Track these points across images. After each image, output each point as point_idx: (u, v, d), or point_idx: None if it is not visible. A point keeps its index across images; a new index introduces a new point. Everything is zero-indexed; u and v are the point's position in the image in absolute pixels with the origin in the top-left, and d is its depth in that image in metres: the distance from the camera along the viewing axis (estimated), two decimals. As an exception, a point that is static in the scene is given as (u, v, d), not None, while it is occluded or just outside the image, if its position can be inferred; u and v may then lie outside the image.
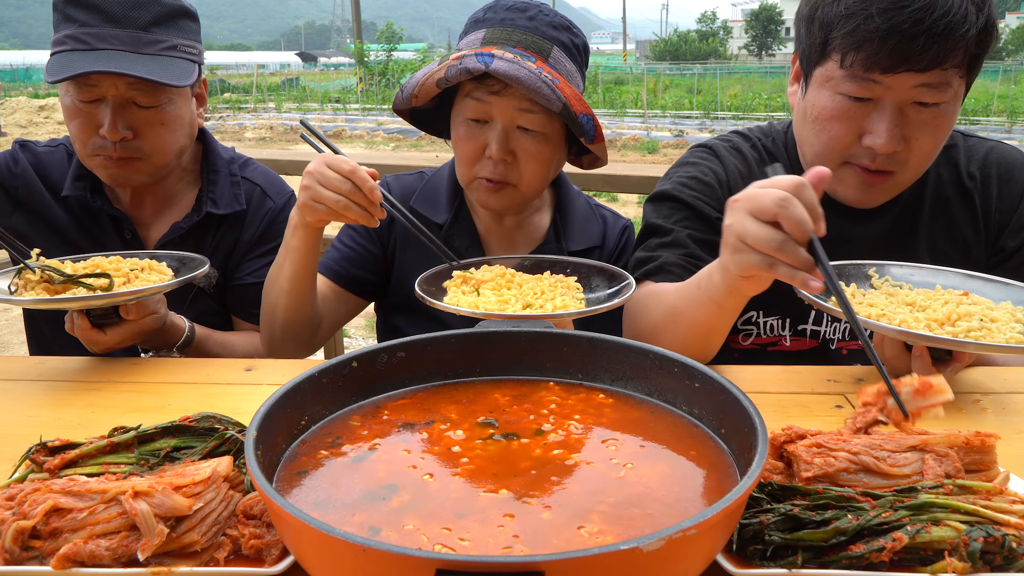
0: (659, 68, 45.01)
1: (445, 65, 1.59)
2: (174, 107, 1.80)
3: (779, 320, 1.77)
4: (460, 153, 1.69)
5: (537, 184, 1.71)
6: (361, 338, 5.59)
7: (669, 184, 1.77)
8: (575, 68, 1.71)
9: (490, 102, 1.61)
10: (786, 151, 1.78)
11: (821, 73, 1.53)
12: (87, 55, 1.69)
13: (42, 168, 1.93)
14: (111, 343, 1.56)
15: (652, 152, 16.60)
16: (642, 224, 1.81)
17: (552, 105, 1.54)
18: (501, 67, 1.51)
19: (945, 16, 1.37)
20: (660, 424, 0.96)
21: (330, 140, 1.51)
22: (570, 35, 1.70)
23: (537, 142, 1.64)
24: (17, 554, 0.85)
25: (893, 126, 1.47)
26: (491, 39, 1.64)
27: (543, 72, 1.54)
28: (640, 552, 0.61)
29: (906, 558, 0.83)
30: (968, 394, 1.38)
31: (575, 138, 1.72)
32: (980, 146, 1.74)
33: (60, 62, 1.69)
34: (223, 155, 2.01)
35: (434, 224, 1.82)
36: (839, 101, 1.51)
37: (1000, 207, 1.68)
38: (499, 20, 1.67)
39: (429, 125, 1.84)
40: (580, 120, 1.58)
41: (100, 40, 1.70)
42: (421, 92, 1.66)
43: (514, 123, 1.62)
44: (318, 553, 0.68)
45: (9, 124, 18.64)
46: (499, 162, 1.63)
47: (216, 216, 1.93)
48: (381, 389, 1.03)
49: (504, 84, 1.58)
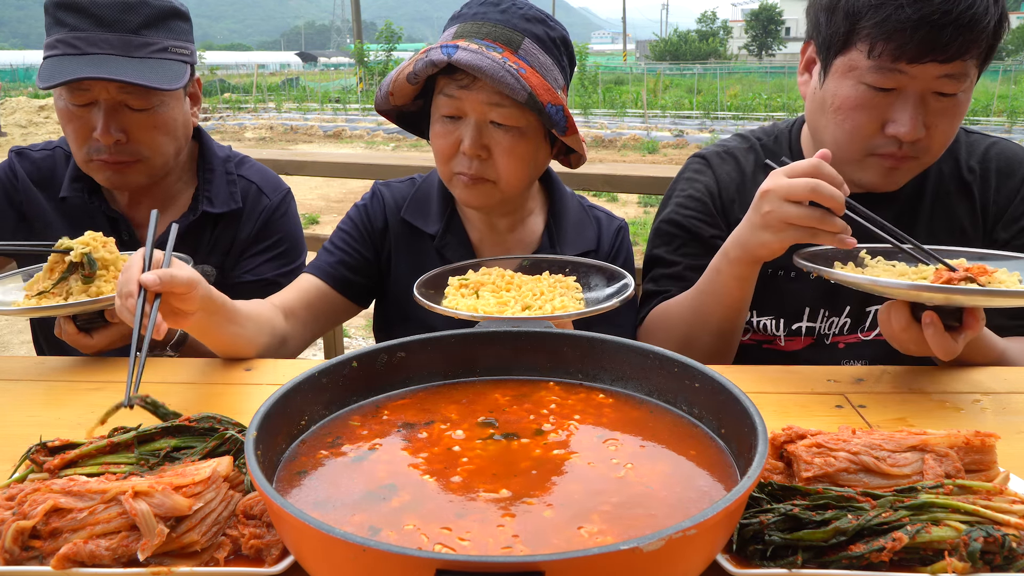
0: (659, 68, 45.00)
1: (413, 59, 1.60)
2: (167, 109, 1.80)
3: (772, 320, 1.77)
4: (436, 149, 1.69)
5: (516, 181, 1.68)
6: (361, 338, 5.59)
7: (670, 208, 1.85)
8: (551, 61, 1.66)
9: (460, 97, 1.60)
10: (790, 150, 1.80)
11: (843, 62, 1.54)
12: (78, 60, 1.69)
13: (40, 174, 1.94)
14: (99, 346, 1.58)
15: (652, 152, 16.60)
16: (647, 253, 1.88)
17: (517, 95, 1.52)
18: (464, 57, 1.50)
19: (970, 7, 1.40)
20: (660, 424, 0.96)
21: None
22: (545, 27, 1.67)
23: (511, 136, 1.62)
24: (17, 554, 0.85)
25: (916, 114, 1.49)
26: (461, 33, 1.64)
27: (508, 62, 1.53)
28: (640, 552, 0.61)
29: (906, 558, 0.83)
30: (968, 394, 1.38)
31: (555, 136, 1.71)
32: (981, 141, 1.76)
33: (52, 67, 1.69)
34: (219, 153, 2.01)
35: (426, 235, 1.81)
36: (863, 91, 1.52)
37: (997, 200, 1.71)
38: (471, 15, 1.66)
39: (416, 127, 1.84)
40: (548, 111, 1.55)
41: (90, 44, 1.70)
42: (396, 89, 1.66)
43: (486, 118, 1.61)
44: (318, 553, 0.68)
45: (9, 124, 18.64)
46: (473, 158, 1.62)
47: (212, 215, 1.93)
48: (381, 389, 1.03)
49: (473, 78, 1.56)
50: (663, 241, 1.83)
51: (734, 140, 1.89)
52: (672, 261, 1.79)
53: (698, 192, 1.81)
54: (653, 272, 1.83)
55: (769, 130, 1.87)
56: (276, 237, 2.00)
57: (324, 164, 3.74)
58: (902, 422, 1.27)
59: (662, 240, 1.84)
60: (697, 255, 1.76)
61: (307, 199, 11.11)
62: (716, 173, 1.82)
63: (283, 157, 3.61)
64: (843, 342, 1.76)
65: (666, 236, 1.83)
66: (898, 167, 1.58)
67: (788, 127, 1.84)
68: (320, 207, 10.80)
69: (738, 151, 1.84)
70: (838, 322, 1.75)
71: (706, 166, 1.85)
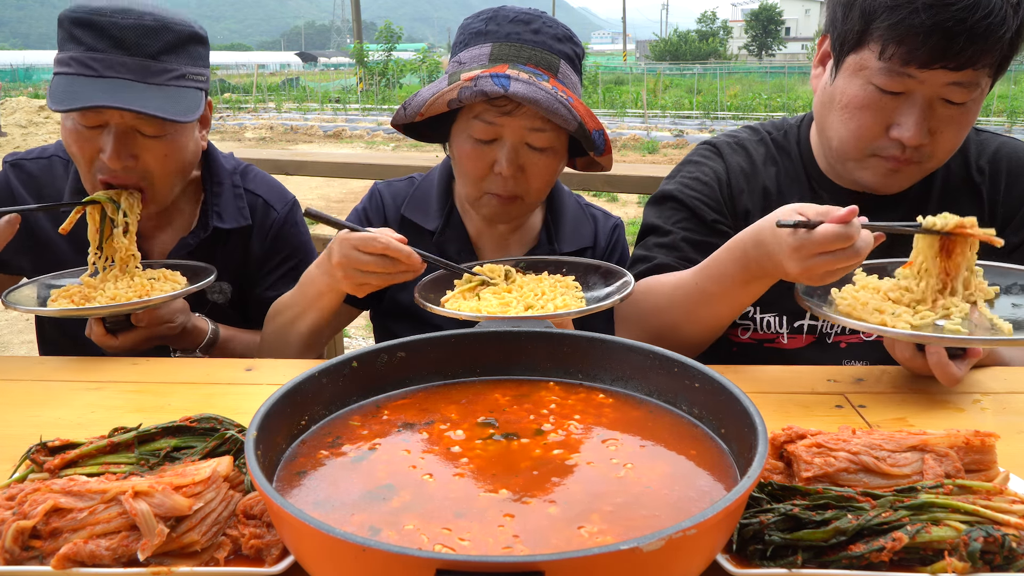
0: (659, 68, 44.99)
1: (457, 86, 1.56)
2: (178, 136, 1.75)
3: (776, 317, 1.77)
4: (466, 171, 1.68)
5: (543, 194, 1.73)
6: (361, 338, 5.59)
7: (672, 184, 1.81)
8: (577, 79, 1.71)
9: (501, 124, 1.60)
10: (798, 146, 1.79)
11: (855, 61, 1.53)
12: (93, 83, 1.63)
13: (37, 186, 1.90)
14: (123, 347, 1.66)
15: (652, 152, 16.59)
16: (643, 222, 1.84)
17: (568, 125, 1.55)
18: (520, 90, 1.50)
19: (987, 17, 1.37)
20: (660, 424, 0.96)
21: (334, 218, 1.48)
22: (572, 46, 1.69)
23: (546, 157, 1.65)
24: (17, 554, 0.85)
25: (922, 120, 1.48)
26: (500, 56, 1.62)
27: (558, 92, 1.54)
28: (640, 552, 0.61)
29: (906, 558, 0.83)
30: (968, 394, 1.38)
31: (576, 144, 1.72)
32: (991, 141, 1.75)
33: (65, 88, 1.64)
34: (226, 166, 1.97)
35: (425, 231, 1.82)
36: (871, 92, 1.51)
37: (1006, 201, 1.69)
38: (504, 34, 1.64)
39: (417, 131, 1.83)
40: (592, 136, 1.60)
41: (107, 67, 1.64)
42: (428, 111, 1.63)
43: (523, 141, 1.62)
44: (318, 553, 0.68)
45: (9, 124, 18.62)
46: (508, 179, 1.63)
47: (223, 230, 1.91)
48: (381, 389, 1.03)
49: (516, 104, 1.57)
50: (660, 212, 1.79)
51: (744, 131, 1.88)
52: (667, 231, 1.75)
53: (706, 176, 1.79)
54: (646, 240, 1.79)
55: (779, 124, 1.86)
56: (288, 251, 1.99)
57: (324, 164, 3.75)
58: (902, 422, 1.27)
59: (659, 211, 1.80)
60: (694, 230, 1.74)
61: (307, 199, 11.11)
62: (727, 161, 1.80)
63: (283, 157, 3.61)
64: (845, 342, 1.76)
65: (665, 208, 1.79)
66: (899, 170, 1.57)
67: (797, 123, 1.84)
68: (320, 207, 10.74)
69: (749, 142, 1.83)
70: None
71: (716, 153, 1.83)
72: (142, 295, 1.63)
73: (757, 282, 1.47)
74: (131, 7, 1.65)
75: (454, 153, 1.71)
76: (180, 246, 1.88)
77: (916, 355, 1.37)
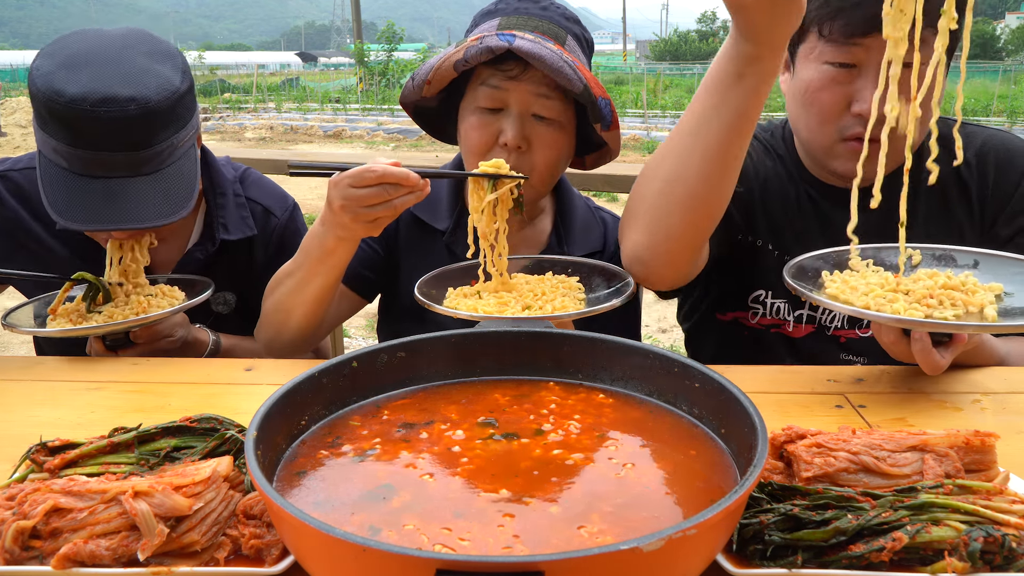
0: (659, 68, 44.95)
1: (464, 46, 1.57)
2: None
3: (786, 303, 1.78)
4: (471, 142, 1.65)
5: (549, 177, 1.70)
6: (361, 338, 5.59)
7: None
8: (586, 60, 1.72)
9: (506, 88, 1.59)
10: (784, 144, 1.82)
11: (804, 50, 1.59)
12: (90, 184, 1.56)
13: (26, 198, 1.81)
14: None
15: (652, 152, 16.60)
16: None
17: (573, 86, 1.53)
18: (524, 45, 1.50)
19: None
20: (660, 424, 0.96)
21: (321, 162, 1.47)
22: (580, 28, 1.72)
23: (553, 130, 1.63)
24: (17, 554, 0.85)
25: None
26: (505, 26, 1.63)
27: (563, 55, 1.54)
28: (640, 552, 0.61)
29: (906, 558, 0.83)
30: (968, 394, 1.38)
31: (581, 133, 1.72)
32: (979, 133, 1.74)
33: (58, 189, 1.56)
34: (227, 175, 1.94)
35: (435, 230, 1.82)
36: (825, 70, 1.55)
37: (995, 194, 1.68)
38: (512, 9, 1.67)
39: (429, 124, 1.84)
40: (599, 103, 1.57)
41: (97, 166, 1.55)
42: (436, 77, 1.62)
43: (529, 110, 1.61)
44: (318, 553, 0.68)
45: (9, 124, 18.63)
46: (513, 150, 1.61)
47: (227, 241, 1.89)
48: (381, 389, 1.03)
49: (522, 68, 1.57)
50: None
51: None
52: None
53: None
54: None
55: (767, 127, 1.89)
56: (290, 256, 1.98)
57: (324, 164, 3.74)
58: (902, 422, 1.27)
59: None
60: None
61: (307, 199, 11.09)
62: None
63: (283, 157, 3.61)
64: (843, 336, 1.77)
65: None
66: (868, 152, 1.52)
67: (782, 125, 1.86)
68: (320, 207, 10.77)
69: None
70: (842, 316, 1.76)
71: None
72: (139, 312, 1.62)
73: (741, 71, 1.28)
74: (111, 93, 1.51)
75: (461, 132, 1.71)
76: (187, 260, 1.87)
77: (900, 339, 1.36)
